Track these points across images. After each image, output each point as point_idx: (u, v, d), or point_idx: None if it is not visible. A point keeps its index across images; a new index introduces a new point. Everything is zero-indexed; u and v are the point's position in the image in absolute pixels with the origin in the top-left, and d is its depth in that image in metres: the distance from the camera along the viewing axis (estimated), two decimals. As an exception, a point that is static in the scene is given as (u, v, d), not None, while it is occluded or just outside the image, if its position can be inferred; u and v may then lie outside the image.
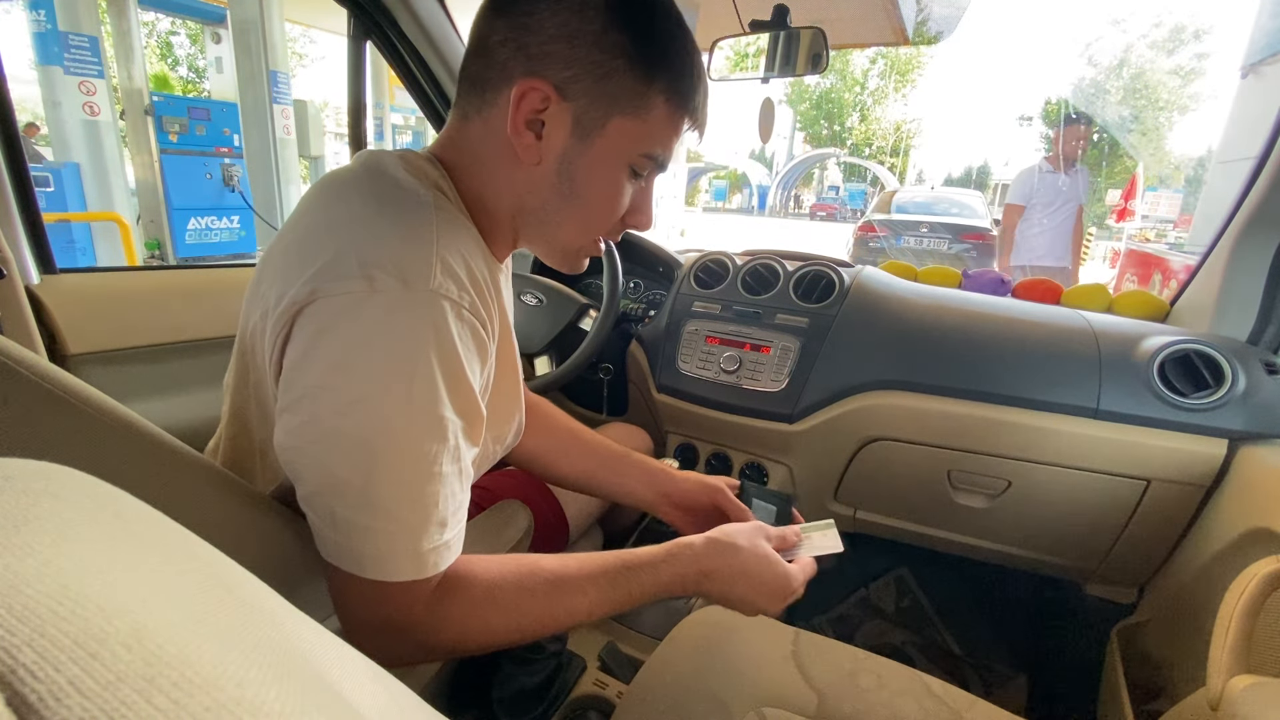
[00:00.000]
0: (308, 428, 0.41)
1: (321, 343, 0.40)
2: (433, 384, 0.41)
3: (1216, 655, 0.45)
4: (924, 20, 14.55)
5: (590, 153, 0.47)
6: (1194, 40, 19.75)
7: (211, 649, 0.16)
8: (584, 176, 0.48)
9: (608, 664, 0.83)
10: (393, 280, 0.40)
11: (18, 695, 0.12)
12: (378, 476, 0.41)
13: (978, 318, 0.95)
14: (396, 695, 0.26)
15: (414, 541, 0.42)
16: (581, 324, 1.05)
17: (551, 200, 0.49)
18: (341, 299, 0.40)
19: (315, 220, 0.46)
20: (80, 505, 0.18)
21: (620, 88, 0.46)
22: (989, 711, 0.56)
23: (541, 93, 0.45)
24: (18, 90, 1.08)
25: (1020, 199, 3.05)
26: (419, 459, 0.42)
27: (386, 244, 0.42)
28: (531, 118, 0.46)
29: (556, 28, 0.44)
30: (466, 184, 0.50)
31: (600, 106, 0.46)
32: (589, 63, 0.45)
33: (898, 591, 1.33)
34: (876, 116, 28.15)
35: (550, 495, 0.84)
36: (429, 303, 0.41)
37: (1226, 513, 0.77)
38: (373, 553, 0.42)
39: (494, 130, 0.47)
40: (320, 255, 0.42)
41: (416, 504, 0.42)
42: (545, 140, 0.47)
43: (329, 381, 0.40)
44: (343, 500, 0.41)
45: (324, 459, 0.41)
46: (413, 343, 0.40)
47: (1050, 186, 2.96)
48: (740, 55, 1.24)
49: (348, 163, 0.53)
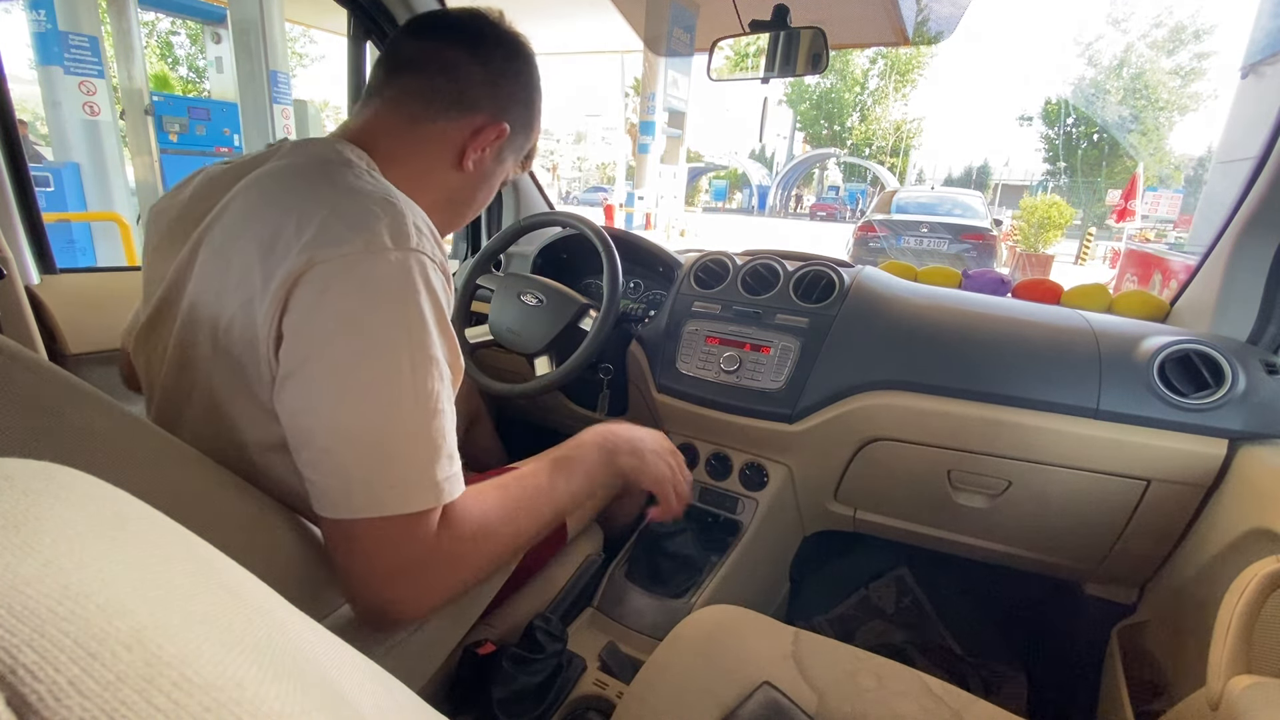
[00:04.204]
0: (318, 385, 0.44)
1: (326, 301, 0.44)
2: (428, 330, 0.47)
3: (1216, 655, 0.45)
4: (924, 20, 14.54)
5: (496, 173, 0.65)
6: (1194, 40, 19.75)
7: (211, 649, 0.16)
8: (485, 186, 0.66)
9: (608, 664, 0.83)
10: (383, 240, 0.45)
11: (18, 695, 0.12)
12: (392, 418, 0.45)
13: (978, 318, 0.95)
14: (396, 695, 0.26)
15: (429, 472, 0.47)
16: (581, 324, 1.05)
17: (467, 200, 0.65)
18: (339, 261, 0.44)
19: (276, 206, 0.49)
20: (80, 505, 0.18)
21: (524, 137, 0.66)
22: (989, 711, 0.56)
23: (500, 132, 0.61)
24: (18, 90, 1.08)
25: None
26: (425, 398, 0.46)
27: (368, 211, 0.47)
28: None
29: (519, 89, 0.63)
30: (397, 173, 0.57)
31: (513, 146, 0.65)
32: (525, 120, 0.64)
33: (898, 591, 1.33)
34: (876, 116, 28.14)
35: None
36: (415, 259, 0.47)
37: (1226, 513, 0.77)
38: (391, 490, 0.45)
39: (446, 140, 0.60)
40: (304, 230, 0.45)
41: (427, 440, 0.47)
42: (480, 159, 0.62)
43: (336, 338, 0.44)
44: (357, 448, 0.45)
45: (337, 412, 0.44)
46: (408, 295, 0.46)
47: None
48: (740, 55, 1.24)
49: (268, 157, 0.56)
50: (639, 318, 1.24)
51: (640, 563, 0.98)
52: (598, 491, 0.73)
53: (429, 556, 0.48)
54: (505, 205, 1.50)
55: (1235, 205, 0.93)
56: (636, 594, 0.94)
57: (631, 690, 0.59)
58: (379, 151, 0.57)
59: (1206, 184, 12.57)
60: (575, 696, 0.77)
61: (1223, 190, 9.23)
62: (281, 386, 0.46)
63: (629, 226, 9.66)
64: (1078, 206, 16.75)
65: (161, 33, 16.26)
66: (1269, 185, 0.86)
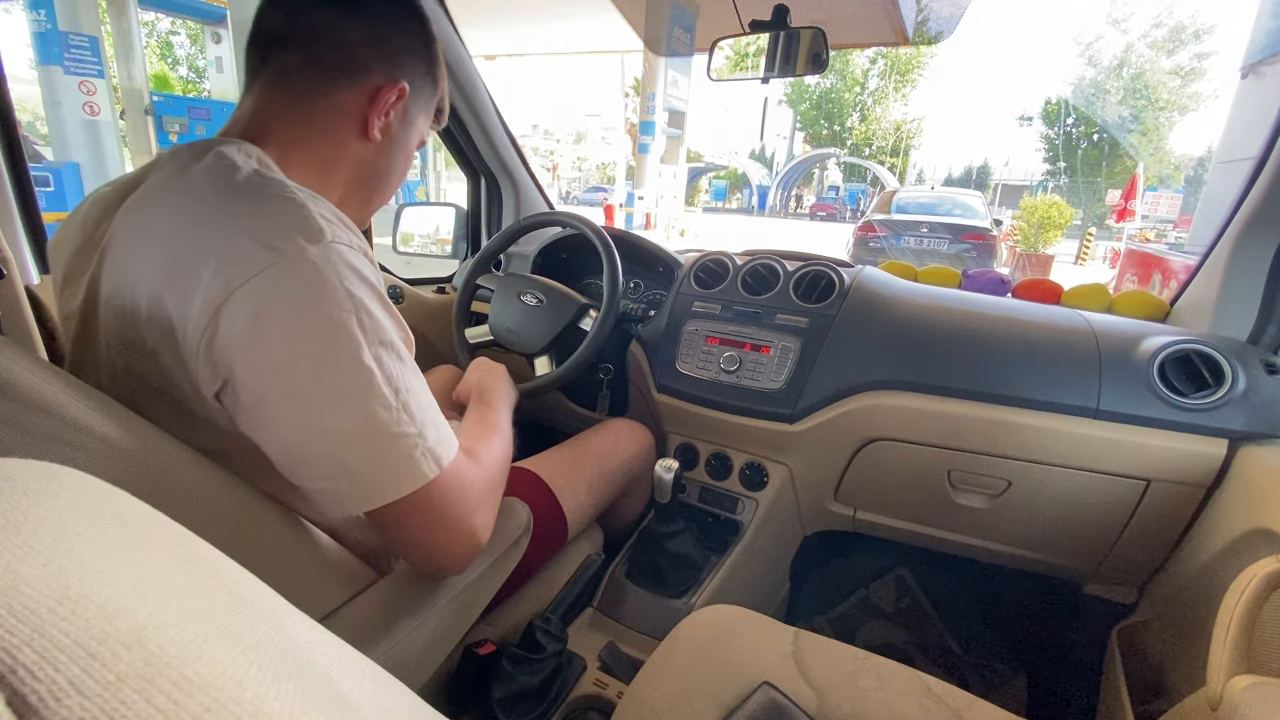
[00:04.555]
0: (287, 411, 0.44)
1: (261, 329, 0.42)
2: (373, 316, 0.46)
3: (1216, 655, 0.45)
4: (924, 20, 14.55)
5: (407, 138, 0.62)
6: (1194, 40, 19.75)
7: (211, 649, 0.16)
8: (401, 154, 0.62)
9: (608, 664, 0.83)
10: (296, 244, 0.43)
11: (18, 695, 0.12)
12: (370, 410, 0.45)
13: (978, 318, 0.95)
14: (396, 695, 0.26)
15: (425, 440, 0.48)
16: (581, 324, 1.05)
17: (381, 173, 0.61)
18: (258, 279, 0.42)
19: (166, 229, 0.46)
20: (80, 505, 0.18)
21: (428, 93, 0.62)
22: (989, 711, 0.56)
23: (400, 91, 0.57)
24: (18, 90, 1.08)
25: None
26: (395, 381, 0.47)
27: (269, 217, 0.45)
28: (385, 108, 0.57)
29: (408, 40, 0.58)
30: (299, 160, 0.54)
31: (419, 104, 0.61)
32: (423, 72, 0.60)
33: (898, 591, 1.33)
34: (876, 116, 28.14)
35: (549, 493, 0.84)
36: (334, 251, 0.45)
37: (1226, 513, 0.77)
38: (402, 469, 0.47)
39: (343, 112, 0.56)
40: (208, 253, 0.43)
41: (410, 415, 0.47)
42: (385, 126, 0.58)
43: (287, 355, 0.43)
44: (351, 451, 0.45)
45: (317, 428, 0.44)
46: (340, 290, 0.44)
47: None
48: (740, 55, 1.24)
49: (150, 170, 0.52)
50: (639, 318, 1.24)
51: (640, 563, 0.98)
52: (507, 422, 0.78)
53: (467, 506, 0.52)
54: (505, 205, 1.50)
55: (1235, 205, 0.93)
56: (636, 594, 0.94)
57: (631, 690, 0.59)
58: (272, 141, 0.54)
59: (1206, 184, 12.58)
60: (575, 696, 0.77)
61: (1223, 190, 9.24)
62: (248, 414, 0.45)
63: (629, 226, 9.67)
64: (1078, 206, 16.76)
65: (161, 33, 16.27)
66: (1269, 185, 0.86)
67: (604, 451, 0.98)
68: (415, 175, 12.32)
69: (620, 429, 1.05)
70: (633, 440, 1.04)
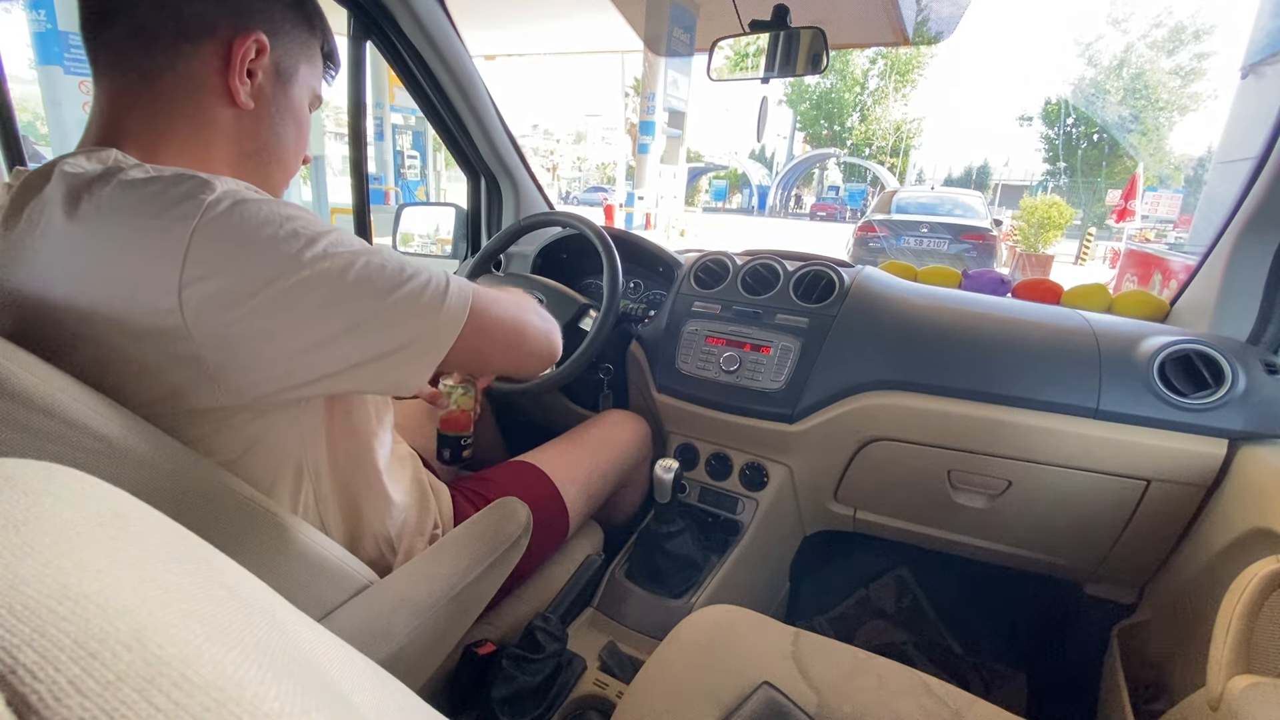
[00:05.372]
0: (300, 351, 0.44)
1: (229, 296, 0.40)
2: (308, 220, 0.44)
3: (1216, 655, 0.45)
4: (924, 20, 14.56)
5: (288, 96, 0.54)
6: (1194, 40, 19.75)
7: (211, 649, 0.16)
8: (289, 117, 0.55)
9: (608, 664, 0.83)
10: (197, 200, 0.40)
11: (18, 695, 0.12)
12: (374, 284, 0.45)
13: (978, 318, 0.95)
14: (396, 695, 0.26)
15: (437, 280, 0.50)
16: (581, 324, 1.05)
17: (268, 141, 0.54)
18: (195, 247, 0.39)
19: (77, 245, 0.41)
20: (80, 505, 0.18)
21: (301, 39, 0.54)
22: (989, 711, 0.56)
23: (258, 44, 0.50)
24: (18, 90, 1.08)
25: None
26: (365, 253, 0.46)
27: (149, 196, 0.40)
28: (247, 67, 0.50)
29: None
30: (168, 148, 0.49)
31: (292, 55, 0.54)
32: (283, 19, 0.52)
33: (898, 591, 1.33)
34: (876, 116, 28.14)
35: (550, 484, 0.84)
36: (231, 190, 0.42)
37: (1226, 513, 0.77)
38: (435, 326, 0.49)
39: (198, 82, 0.49)
40: (116, 260, 0.40)
41: (414, 276, 0.48)
42: (255, 87, 0.51)
43: (264, 302, 0.41)
44: (381, 336, 0.46)
45: (340, 336, 0.44)
46: (264, 214, 0.42)
47: None
48: (740, 55, 1.24)
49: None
50: (639, 318, 1.24)
51: (640, 563, 0.98)
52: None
53: (508, 319, 0.57)
54: (505, 205, 1.50)
55: (1235, 205, 0.93)
56: (636, 594, 0.94)
57: (631, 690, 0.59)
58: (130, 140, 0.48)
59: (1206, 184, 12.59)
60: (575, 696, 0.77)
61: (1223, 190, 9.25)
62: (284, 379, 0.45)
63: (629, 226, 9.67)
64: (1078, 206, 16.76)
65: (161, 33, 16.24)
66: (1269, 185, 0.86)
67: (601, 443, 0.98)
68: (415, 175, 12.31)
69: (616, 420, 1.06)
70: (629, 430, 1.04)
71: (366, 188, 1.33)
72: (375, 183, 9.97)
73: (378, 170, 10.67)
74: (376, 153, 10.50)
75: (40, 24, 3.98)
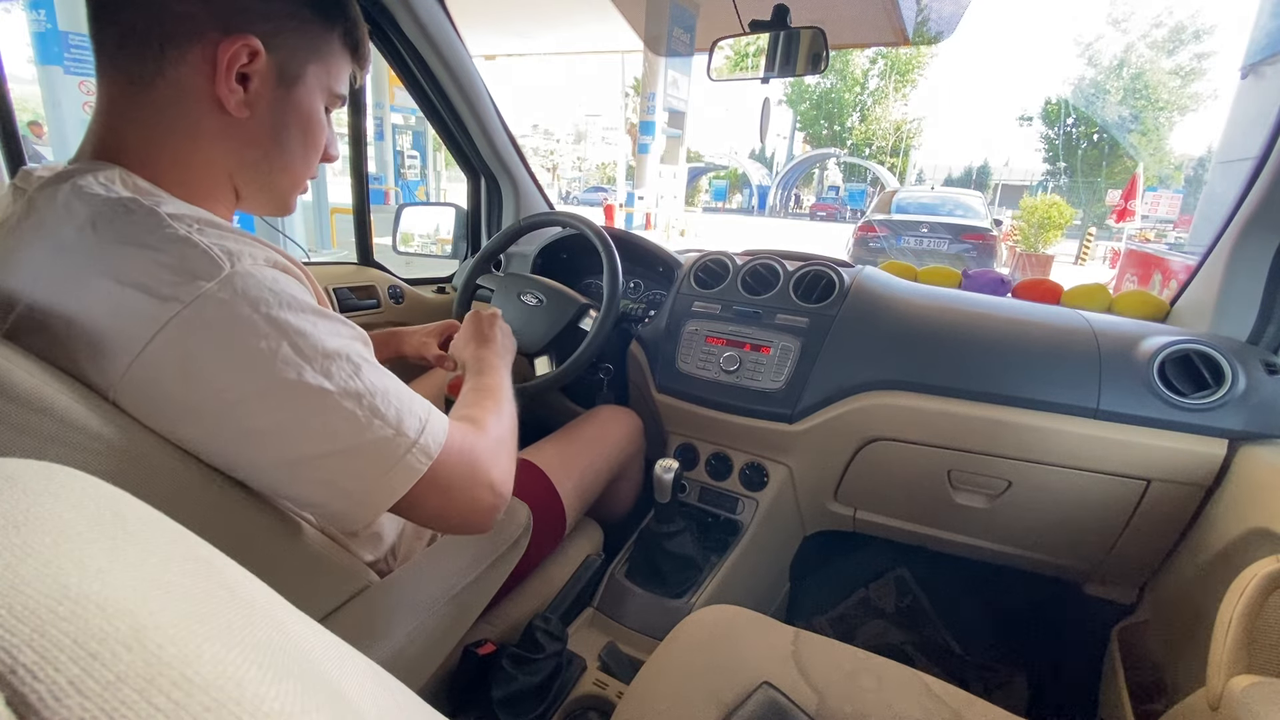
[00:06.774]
0: (252, 450, 0.42)
1: (190, 380, 0.39)
2: (304, 333, 0.41)
3: (1216, 655, 0.46)
4: (924, 20, 14.56)
5: (294, 98, 0.50)
6: (1194, 40, 19.75)
7: (211, 649, 0.16)
8: (293, 122, 0.51)
9: (608, 664, 0.83)
10: (194, 287, 0.38)
11: (18, 695, 0.12)
12: (336, 428, 0.42)
13: (978, 318, 0.95)
14: (396, 695, 0.26)
15: (407, 435, 0.45)
16: (581, 324, 1.05)
17: (270, 149, 0.51)
18: (165, 334, 0.38)
19: (45, 278, 0.41)
20: (80, 505, 0.18)
21: (310, 35, 0.50)
22: (989, 711, 0.56)
23: (250, 48, 0.45)
24: (18, 90, 1.08)
25: None
26: (350, 389, 0.43)
27: (156, 264, 0.39)
28: (239, 72, 0.46)
29: None
30: (168, 162, 0.47)
31: (298, 55, 0.49)
32: (283, 15, 0.48)
33: (898, 591, 1.33)
34: (876, 116, 28.12)
35: (546, 480, 0.84)
36: (241, 280, 0.40)
37: (1227, 513, 0.77)
38: (393, 472, 0.44)
39: (188, 89, 0.45)
40: (101, 318, 0.39)
41: (382, 418, 0.44)
42: (252, 93, 0.47)
43: (227, 402, 0.40)
44: (336, 468, 0.43)
45: (290, 457, 0.42)
46: (258, 317, 0.40)
47: None
48: (740, 55, 1.24)
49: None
50: (639, 318, 1.24)
51: (640, 563, 0.98)
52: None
53: (463, 479, 0.49)
54: (505, 205, 1.50)
55: (1235, 205, 0.93)
56: (636, 594, 0.94)
57: (631, 690, 0.59)
58: (131, 154, 0.46)
59: (1206, 184, 12.59)
60: (575, 696, 0.77)
61: (1223, 190, 9.25)
62: (219, 460, 0.43)
63: (629, 226, 9.67)
64: (1078, 206, 16.76)
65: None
66: (1269, 185, 0.86)
67: (594, 437, 0.99)
68: (415, 175, 12.30)
69: (608, 415, 1.06)
70: (620, 424, 1.05)
71: (366, 188, 1.33)
72: (375, 183, 9.97)
73: (378, 170, 10.67)
74: (376, 153, 10.51)
75: (40, 24, 3.97)
